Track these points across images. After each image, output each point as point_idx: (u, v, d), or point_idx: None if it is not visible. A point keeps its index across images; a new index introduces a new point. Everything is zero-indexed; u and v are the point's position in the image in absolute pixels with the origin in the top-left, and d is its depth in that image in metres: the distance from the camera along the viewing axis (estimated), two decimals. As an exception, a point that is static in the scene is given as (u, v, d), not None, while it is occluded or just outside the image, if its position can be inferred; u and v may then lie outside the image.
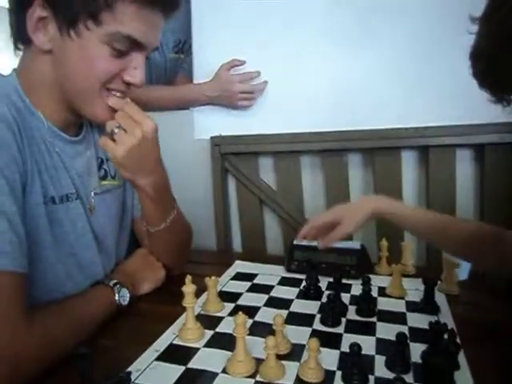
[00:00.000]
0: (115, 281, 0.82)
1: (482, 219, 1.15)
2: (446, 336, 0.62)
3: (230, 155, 1.28)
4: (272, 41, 1.22)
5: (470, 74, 0.53)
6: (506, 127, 1.07)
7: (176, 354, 0.69)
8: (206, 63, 1.27)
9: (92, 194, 0.84)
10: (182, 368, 0.65)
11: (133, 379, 0.62)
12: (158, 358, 0.68)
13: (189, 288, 0.72)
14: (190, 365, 0.66)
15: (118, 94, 0.75)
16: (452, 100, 1.11)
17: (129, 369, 0.64)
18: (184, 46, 1.38)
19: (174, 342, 0.72)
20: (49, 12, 0.68)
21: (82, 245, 0.81)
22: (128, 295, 0.83)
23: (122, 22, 0.68)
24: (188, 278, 0.74)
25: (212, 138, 1.27)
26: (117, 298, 0.80)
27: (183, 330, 0.73)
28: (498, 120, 1.07)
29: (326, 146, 1.20)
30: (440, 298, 0.87)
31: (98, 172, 0.87)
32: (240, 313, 0.64)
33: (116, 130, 0.73)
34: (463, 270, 0.97)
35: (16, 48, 0.75)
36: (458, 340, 0.66)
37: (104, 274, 0.87)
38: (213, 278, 0.84)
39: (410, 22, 1.13)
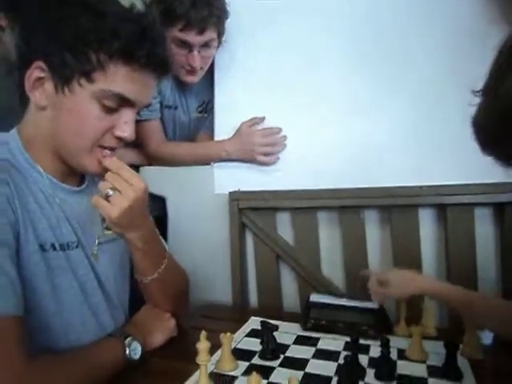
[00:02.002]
0: (127, 334, 0.82)
1: (504, 279, 1.12)
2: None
3: (248, 210, 1.30)
4: (292, 100, 1.28)
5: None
6: (524, 187, 1.07)
7: (188, 414, 0.67)
8: (226, 121, 1.34)
9: (96, 242, 0.86)
10: (194, 430, 0.63)
11: None
12: (170, 419, 0.66)
13: (203, 345, 0.71)
14: (202, 426, 0.64)
15: (108, 152, 0.78)
16: (470, 158, 1.12)
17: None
18: (208, 106, 1.45)
19: (187, 402, 0.71)
20: (46, 73, 0.73)
21: (86, 292, 0.82)
22: (139, 349, 0.82)
23: (113, 81, 0.73)
24: (203, 334, 0.73)
25: (230, 193, 1.30)
26: (127, 351, 0.79)
27: (196, 389, 0.72)
28: (514, 179, 1.08)
29: (343, 203, 1.21)
30: (463, 363, 0.84)
31: (103, 222, 0.88)
32: (254, 373, 0.63)
33: (111, 192, 0.76)
34: (487, 335, 0.93)
35: (21, 104, 0.79)
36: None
37: (113, 322, 0.87)
38: (228, 334, 0.83)
39: (425, 84, 1.18)
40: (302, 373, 0.81)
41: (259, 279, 1.32)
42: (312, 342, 0.95)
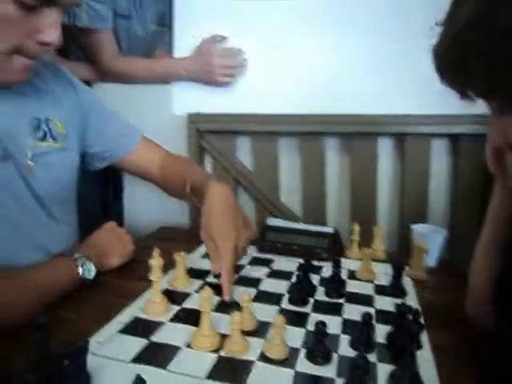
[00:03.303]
0: (79, 254, 0.80)
1: (455, 209, 1.17)
2: (410, 317, 0.62)
3: (207, 133, 1.26)
4: (256, 20, 1.20)
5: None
6: (481, 119, 1.08)
7: (139, 327, 0.68)
8: (187, 38, 1.25)
9: (29, 154, 0.78)
10: (145, 341, 0.64)
11: (93, 350, 0.60)
12: (121, 331, 0.66)
13: (156, 261, 0.70)
14: (153, 338, 0.65)
15: (29, 62, 0.69)
16: (429, 90, 1.11)
17: (90, 340, 0.63)
18: (167, 19, 1.34)
19: (139, 316, 0.71)
20: None
21: (21, 208, 0.77)
22: (94, 269, 0.80)
23: None
24: (156, 251, 0.72)
25: (189, 114, 1.25)
26: (81, 271, 0.78)
27: (149, 304, 0.72)
28: (473, 111, 1.09)
29: (304, 129, 1.19)
30: (407, 283, 0.89)
31: (36, 133, 0.80)
32: (206, 287, 0.63)
33: None
34: (432, 257, 0.98)
35: None
36: (422, 321, 0.67)
37: (61, 240, 0.85)
38: (182, 253, 0.82)
39: (393, 14, 1.13)
40: (255, 290, 0.83)
41: (217, 204, 1.32)
42: (267, 263, 0.97)
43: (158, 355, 0.60)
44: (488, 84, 0.43)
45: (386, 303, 0.80)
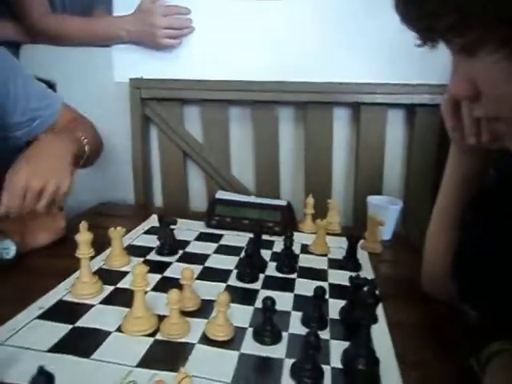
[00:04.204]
0: None
1: (409, 181, 1.15)
2: (365, 289, 0.57)
3: (152, 101, 1.15)
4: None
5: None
6: (437, 89, 1.05)
7: (63, 311, 0.59)
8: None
9: None
10: (69, 327, 0.55)
11: (3, 340, 0.51)
12: (41, 316, 0.57)
13: (83, 236, 0.62)
14: (79, 323, 0.56)
15: None
16: (386, 59, 1.08)
17: (1, 328, 0.54)
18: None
19: (65, 299, 0.62)
20: None
21: None
22: (13, 248, 0.71)
23: None
24: (83, 225, 0.63)
25: (132, 80, 1.14)
26: None
27: (76, 285, 0.63)
28: (429, 81, 1.06)
29: (256, 97, 1.11)
30: (363, 256, 0.85)
31: None
32: (140, 262, 0.55)
33: None
34: (387, 230, 0.95)
35: None
36: (378, 293, 0.62)
37: None
38: (118, 228, 0.74)
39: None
40: (200, 267, 0.76)
41: (164, 178, 1.23)
42: (215, 238, 0.90)
43: (81, 343, 0.52)
44: (463, 13, 0.36)
45: (341, 277, 0.75)
